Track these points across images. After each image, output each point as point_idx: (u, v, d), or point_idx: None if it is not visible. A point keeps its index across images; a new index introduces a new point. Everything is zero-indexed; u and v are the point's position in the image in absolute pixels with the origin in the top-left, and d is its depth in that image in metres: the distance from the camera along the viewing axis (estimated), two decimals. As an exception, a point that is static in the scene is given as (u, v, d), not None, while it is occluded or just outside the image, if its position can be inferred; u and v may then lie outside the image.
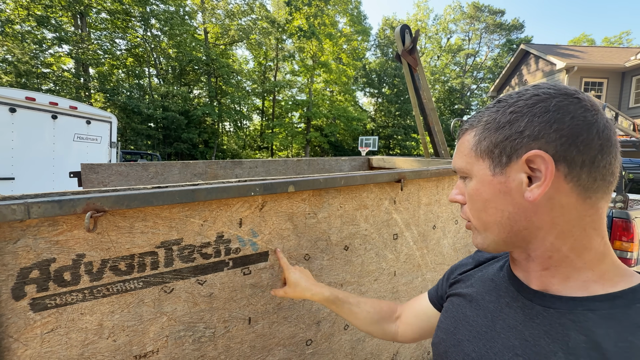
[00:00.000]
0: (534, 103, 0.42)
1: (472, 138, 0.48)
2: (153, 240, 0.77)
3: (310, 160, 2.46)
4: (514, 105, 0.43)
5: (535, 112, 0.41)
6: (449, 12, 32.44)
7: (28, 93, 4.12)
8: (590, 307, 0.39)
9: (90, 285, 0.70)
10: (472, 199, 0.49)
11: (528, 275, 0.47)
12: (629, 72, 11.97)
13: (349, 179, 1.07)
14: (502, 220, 0.45)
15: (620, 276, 0.41)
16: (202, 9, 20.12)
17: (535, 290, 0.46)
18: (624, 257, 2.44)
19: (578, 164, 0.40)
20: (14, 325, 0.63)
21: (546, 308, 0.43)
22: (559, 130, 0.40)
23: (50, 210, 0.62)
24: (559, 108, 0.40)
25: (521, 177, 0.43)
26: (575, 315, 0.40)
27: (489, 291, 0.54)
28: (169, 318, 0.81)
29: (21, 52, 12.02)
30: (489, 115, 0.46)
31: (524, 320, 0.45)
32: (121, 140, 15.23)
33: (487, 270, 0.59)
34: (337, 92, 26.50)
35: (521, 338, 0.44)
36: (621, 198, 2.56)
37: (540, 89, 0.43)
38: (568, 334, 0.40)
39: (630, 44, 30.78)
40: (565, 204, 0.41)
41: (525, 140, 0.41)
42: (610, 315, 0.38)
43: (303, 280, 0.87)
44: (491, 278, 0.56)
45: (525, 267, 0.48)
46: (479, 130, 0.47)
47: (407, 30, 2.44)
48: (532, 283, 0.47)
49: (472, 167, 0.48)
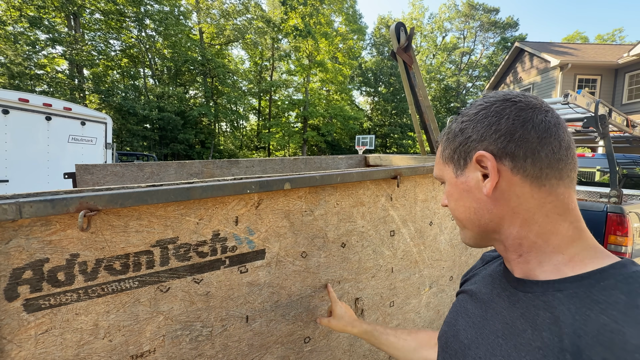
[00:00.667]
0: (478, 111, 0.49)
1: (441, 150, 0.56)
2: (148, 239, 0.76)
3: (307, 159, 2.45)
4: (465, 115, 0.51)
5: (478, 118, 0.48)
6: (444, 11, 32.55)
7: (21, 94, 4.08)
8: (559, 288, 0.42)
9: (84, 285, 0.70)
10: (448, 200, 0.55)
11: (510, 265, 0.52)
12: (622, 69, 12.08)
13: (345, 176, 1.07)
14: (471, 216, 0.51)
15: (591, 258, 0.43)
16: (197, 8, 20.01)
17: (518, 278, 0.49)
18: (619, 252, 2.47)
19: (520, 157, 0.45)
20: (7, 327, 0.63)
21: (525, 293, 0.47)
22: (497, 131, 0.46)
23: (42, 210, 0.61)
24: (496, 112, 0.47)
25: (477, 175, 0.49)
26: (546, 297, 0.43)
27: (486, 285, 0.58)
28: (166, 317, 0.80)
29: (14, 53, 11.89)
30: (449, 127, 0.55)
31: (508, 306, 0.49)
32: (117, 142, 15.11)
33: (490, 267, 0.64)
34: (334, 91, 26.50)
35: (503, 322, 0.48)
36: (615, 193, 2.59)
37: (486, 98, 0.50)
38: (538, 313, 0.43)
39: (623, 41, 31.07)
40: (520, 194, 0.46)
41: (473, 143, 0.49)
42: (575, 294, 0.40)
43: (347, 315, 0.95)
44: (490, 273, 0.61)
45: (506, 257, 0.52)
46: (443, 140, 0.56)
47: (402, 28, 2.44)
48: (515, 272, 0.51)
49: (442, 172, 0.56)
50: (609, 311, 0.36)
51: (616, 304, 0.37)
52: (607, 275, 0.40)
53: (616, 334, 0.34)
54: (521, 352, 0.42)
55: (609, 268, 0.41)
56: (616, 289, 0.38)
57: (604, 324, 0.36)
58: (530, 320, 0.43)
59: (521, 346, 0.42)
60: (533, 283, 0.46)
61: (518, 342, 0.43)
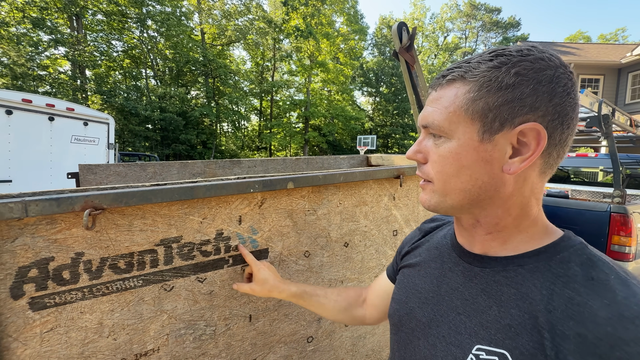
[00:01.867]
0: (542, 69, 0.39)
1: (463, 94, 0.41)
2: (152, 238, 0.76)
3: (309, 159, 2.46)
4: (518, 66, 0.39)
5: (541, 79, 0.38)
6: (446, 11, 32.51)
7: (24, 95, 4.10)
8: (519, 264, 0.43)
9: (89, 283, 0.70)
10: (445, 162, 0.44)
11: (472, 240, 0.49)
12: (625, 69, 12.02)
13: (348, 176, 1.07)
14: (472, 189, 0.43)
15: (546, 234, 0.45)
16: (199, 9, 20.07)
17: (475, 254, 0.48)
18: (622, 252, 2.45)
19: (556, 142, 0.40)
20: (13, 325, 0.63)
21: (483, 269, 0.46)
22: (557, 105, 0.39)
23: (48, 209, 0.61)
24: (560, 80, 0.39)
25: (507, 147, 0.41)
26: (507, 272, 0.43)
27: (434, 259, 0.57)
28: (170, 316, 0.80)
29: (17, 54, 11.96)
30: (487, 70, 0.40)
31: (464, 281, 0.48)
32: (119, 142, 15.16)
33: (433, 239, 0.62)
34: (335, 92, 26.50)
35: (462, 298, 0.47)
36: (619, 193, 2.57)
37: (544, 53, 0.40)
38: (501, 289, 0.43)
39: (626, 41, 30.91)
40: (527, 177, 0.42)
41: (523, 109, 0.39)
42: (536, 268, 0.41)
43: (271, 278, 0.83)
44: (435, 246, 0.59)
45: (470, 232, 0.49)
46: (474, 87, 0.41)
47: (404, 28, 2.44)
48: (474, 248, 0.49)
49: (457, 127, 0.42)
50: (571, 284, 0.37)
51: (575, 277, 0.38)
52: (560, 248, 0.42)
53: (584, 307, 0.35)
54: (490, 330, 0.41)
55: (559, 241, 0.43)
56: (571, 261, 0.40)
57: (570, 297, 0.36)
58: (493, 296, 0.43)
59: (488, 323, 0.42)
60: (492, 259, 0.46)
61: (484, 320, 0.42)
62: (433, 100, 0.46)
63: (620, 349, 0.31)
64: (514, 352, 0.38)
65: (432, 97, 0.46)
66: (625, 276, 0.37)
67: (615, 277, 0.36)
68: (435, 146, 0.46)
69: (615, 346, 0.32)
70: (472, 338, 0.43)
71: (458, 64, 0.44)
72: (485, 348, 0.41)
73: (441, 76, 0.46)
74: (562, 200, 2.98)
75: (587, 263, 0.39)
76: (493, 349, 0.40)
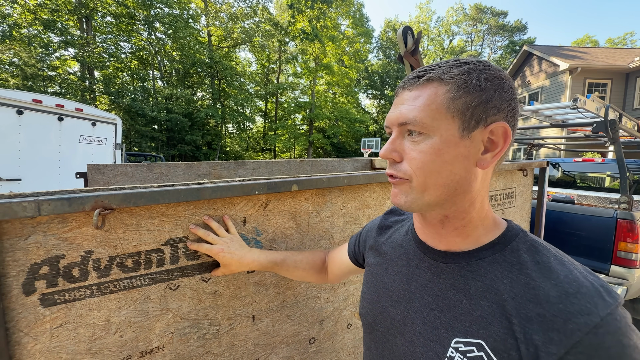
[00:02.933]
0: (502, 78, 0.45)
1: (443, 93, 0.44)
2: (159, 237, 0.78)
3: (313, 162, 2.47)
4: (485, 73, 0.44)
5: (503, 86, 0.44)
6: (452, 14, 32.45)
7: (35, 95, 4.18)
8: (480, 257, 0.47)
9: (98, 281, 0.72)
10: (426, 158, 0.45)
11: (437, 236, 0.52)
12: (633, 73, 11.88)
13: (352, 179, 1.08)
14: (451, 184, 0.46)
15: (495, 225, 0.50)
16: (206, 12, 20.29)
17: (439, 251, 0.51)
18: (629, 259, 2.42)
19: (513, 142, 0.47)
20: (25, 320, 0.65)
21: (449, 264, 0.49)
22: (513, 109, 0.45)
23: (60, 208, 0.63)
24: (514, 91, 0.46)
25: (480, 144, 0.45)
26: (471, 266, 0.47)
27: (399, 256, 0.59)
28: (175, 315, 0.82)
29: (28, 55, 12.19)
30: (461, 74, 0.44)
31: (432, 278, 0.51)
32: (125, 142, 15.34)
33: (395, 236, 0.64)
34: (340, 94, 26.54)
35: (433, 294, 0.50)
36: (625, 199, 2.55)
37: (499, 69, 0.46)
38: (468, 282, 0.46)
39: (635, 45, 30.55)
40: (487, 173, 0.48)
41: (493, 110, 0.44)
42: (494, 260, 0.46)
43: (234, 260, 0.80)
44: (400, 244, 0.61)
45: (436, 228, 0.51)
46: (453, 87, 0.44)
47: (409, 32, 2.45)
48: (439, 244, 0.52)
49: (439, 124, 0.44)
50: (524, 271, 0.43)
51: (526, 263, 0.43)
52: (508, 238, 0.47)
53: (538, 290, 0.40)
54: (464, 323, 0.44)
55: (506, 232, 0.48)
56: (519, 249, 0.45)
57: (526, 283, 0.42)
58: (462, 291, 0.46)
59: (462, 317, 0.45)
60: (455, 254, 0.49)
61: (457, 313, 0.46)
62: (409, 98, 0.47)
63: (571, 322, 0.37)
64: (488, 340, 0.42)
65: (407, 95, 0.47)
66: (560, 256, 0.44)
67: (554, 258, 0.43)
68: (413, 143, 0.46)
69: (567, 320, 0.37)
70: (449, 332, 0.46)
71: (428, 67, 0.47)
72: (463, 340, 0.44)
73: (415, 77, 0.47)
74: (568, 205, 2.95)
75: (532, 249, 0.45)
76: (470, 340, 0.43)
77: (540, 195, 2.24)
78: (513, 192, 2.03)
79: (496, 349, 0.41)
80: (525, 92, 14.97)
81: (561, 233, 2.91)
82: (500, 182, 1.90)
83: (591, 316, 0.36)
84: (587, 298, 0.38)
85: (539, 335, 0.38)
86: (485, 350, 0.41)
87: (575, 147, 5.94)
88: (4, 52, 11.84)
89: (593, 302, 0.37)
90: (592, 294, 0.38)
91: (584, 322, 0.36)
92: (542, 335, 0.38)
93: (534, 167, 2.17)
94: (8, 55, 12.04)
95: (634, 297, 2.51)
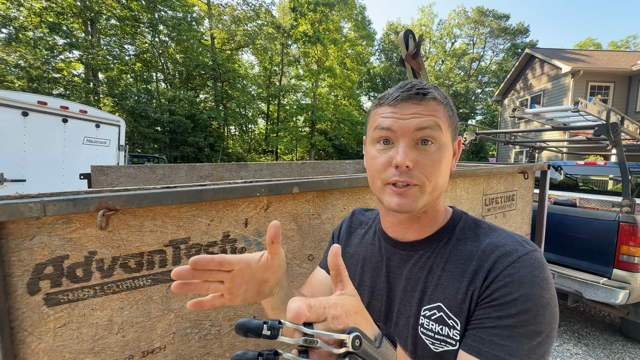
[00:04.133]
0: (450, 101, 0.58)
1: (443, 110, 0.54)
2: (162, 238, 0.79)
3: (314, 164, 2.48)
4: (448, 98, 0.58)
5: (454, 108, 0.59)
6: (454, 17, 32.48)
7: (40, 97, 4.22)
8: (438, 239, 0.58)
9: (101, 281, 0.73)
10: (437, 164, 0.53)
11: (407, 231, 0.60)
12: (636, 76, 11.83)
13: (353, 181, 1.08)
14: (445, 184, 0.56)
15: (446, 212, 0.62)
16: (209, 15, 20.43)
17: (407, 242, 0.60)
18: (632, 262, 2.41)
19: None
20: (29, 319, 0.66)
21: (416, 251, 0.59)
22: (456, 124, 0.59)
23: (65, 209, 0.65)
24: None
25: (452, 151, 0.57)
26: (432, 248, 0.58)
27: (372, 254, 0.66)
28: (176, 315, 0.83)
29: (33, 57, 12.31)
30: (445, 97, 0.56)
31: (403, 265, 0.60)
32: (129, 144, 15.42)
33: (365, 237, 0.71)
34: (342, 97, 26.59)
35: (405, 278, 0.59)
36: (627, 202, 2.53)
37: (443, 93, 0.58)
38: (430, 261, 0.57)
39: (637, 48, 30.44)
40: None
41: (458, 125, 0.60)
42: (448, 239, 0.57)
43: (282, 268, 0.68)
44: (371, 242, 0.68)
45: (409, 225, 0.59)
46: (447, 107, 0.55)
47: (410, 35, 2.46)
48: (409, 237, 0.60)
49: (443, 134, 0.54)
50: (469, 242, 0.55)
51: (470, 237, 0.56)
52: (455, 221, 0.60)
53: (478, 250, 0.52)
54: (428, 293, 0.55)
55: (454, 216, 0.61)
56: (465, 228, 0.58)
57: (470, 250, 0.54)
58: (426, 268, 0.57)
59: (426, 289, 0.55)
60: (420, 242, 0.59)
61: (423, 287, 0.56)
62: (423, 111, 0.53)
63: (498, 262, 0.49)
64: (445, 302, 0.52)
65: (416, 108, 0.53)
66: (494, 227, 0.57)
67: (489, 229, 0.56)
68: (425, 152, 0.53)
69: (495, 261, 0.49)
70: (418, 304, 0.55)
71: (421, 85, 0.54)
72: (428, 306, 0.54)
73: (421, 93, 0.53)
74: (570, 208, 2.94)
75: (473, 225, 0.58)
76: (432, 305, 0.53)
77: (541, 198, 2.24)
78: (514, 195, 2.03)
79: (451, 307, 0.51)
80: (527, 94, 14.94)
81: (563, 236, 2.90)
82: (501, 185, 1.90)
83: (512, 255, 0.48)
84: (511, 245, 0.50)
85: (479, 279, 0.49)
86: (444, 310, 0.52)
87: (578, 150, 5.91)
88: (10, 55, 11.97)
89: (514, 248, 0.49)
90: (514, 243, 0.50)
91: (507, 259, 0.48)
92: (481, 277, 0.49)
93: (535, 170, 2.16)
94: (14, 57, 12.16)
95: (636, 300, 2.49)
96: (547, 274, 0.47)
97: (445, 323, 0.51)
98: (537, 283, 0.45)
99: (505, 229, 0.57)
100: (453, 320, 0.50)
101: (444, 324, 0.51)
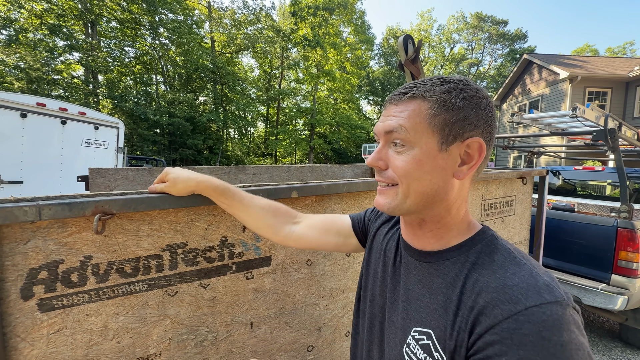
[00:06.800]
0: (480, 97, 0.49)
1: (426, 109, 0.48)
2: (158, 243, 0.78)
3: (313, 167, 2.48)
4: (464, 92, 0.48)
5: (480, 104, 0.48)
6: (453, 22, 32.77)
7: (39, 99, 4.22)
8: (446, 257, 0.51)
9: (96, 286, 0.72)
10: (409, 167, 0.49)
11: (414, 237, 0.57)
12: (633, 82, 11.93)
13: (352, 186, 1.08)
14: (430, 192, 0.50)
15: (468, 229, 0.54)
16: (210, 18, 20.54)
17: (415, 249, 0.57)
18: (630, 268, 2.41)
19: (487, 157, 0.51)
20: (22, 325, 0.65)
21: (421, 262, 0.55)
22: (489, 126, 0.49)
23: (60, 213, 0.64)
24: (491, 108, 0.50)
25: (457, 157, 0.49)
26: (437, 265, 0.52)
27: (390, 250, 0.65)
28: (172, 321, 0.81)
29: (33, 59, 12.31)
30: (442, 92, 0.48)
31: (406, 273, 0.57)
32: (127, 146, 15.40)
33: (390, 233, 0.69)
34: (341, 100, 26.71)
35: (405, 288, 0.56)
36: (626, 208, 2.54)
37: (478, 88, 0.50)
38: (432, 279, 0.51)
39: (634, 55, 30.73)
40: (464, 183, 0.52)
41: (471, 126, 0.48)
42: (458, 260, 0.50)
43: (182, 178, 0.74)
44: (391, 238, 0.67)
45: (414, 230, 0.56)
46: (434, 105, 0.48)
47: (409, 40, 2.48)
48: (416, 244, 0.57)
49: (420, 137, 0.48)
50: (479, 270, 0.47)
51: (483, 264, 0.47)
52: (476, 241, 0.51)
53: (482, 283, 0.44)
54: (422, 314, 0.51)
55: (476, 235, 0.52)
56: (482, 252, 0.49)
57: (476, 279, 0.45)
58: (427, 286, 0.52)
59: (421, 309, 0.51)
60: (427, 254, 0.54)
61: (419, 306, 0.52)
62: (395, 112, 0.51)
63: (498, 307, 0.40)
64: (435, 330, 0.47)
65: (393, 110, 0.51)
66: (519, 258, 0.46)
67: (511, 259, 0.46)
68: (397, 154, 0.51)
69: (495, 306, 0.40)
70: (411, 322, 0.52)
71: (413, 84, 0.51)
72: (419, 329, 0.50)
73: (401, 93, 0.51)
74: (568, 214, 2.94)
75: (493, 251, 0.48)
76: (423, 329, 0.49)
77: (540, 204, 2.24)
78: (512, 200, 2.03)
79: (440, 338, 0.46)
80: (525, 100, 15.03)
81: (561, 242, 2.90)
82: (499, 190, 1.90)
83: (517, 305, 0.38)
84: (521, 290, 0.40)
85: (472, 321, 0.42)
86: (432, 339, 0.47)
87: (576, 155, 5.94)
88: (9, 56, 11.97)
89: (525, 294, 0.39)
90: (529, 288, 0.40)
91: (509, 308, 0.38)
92: (476, 320, 0.42)
93: (534, 175, 2.17)
94: (14, 58, 12.16)
95: (635, 306, 2.48)
96: (567, 338, 0.34)
97: (432, 355, 0.46)
98: (546, 348, 0.34)
99: (539, 265, 0.46)
100: (439, 353, 0.45)
101: (430, 355, 0.47)
